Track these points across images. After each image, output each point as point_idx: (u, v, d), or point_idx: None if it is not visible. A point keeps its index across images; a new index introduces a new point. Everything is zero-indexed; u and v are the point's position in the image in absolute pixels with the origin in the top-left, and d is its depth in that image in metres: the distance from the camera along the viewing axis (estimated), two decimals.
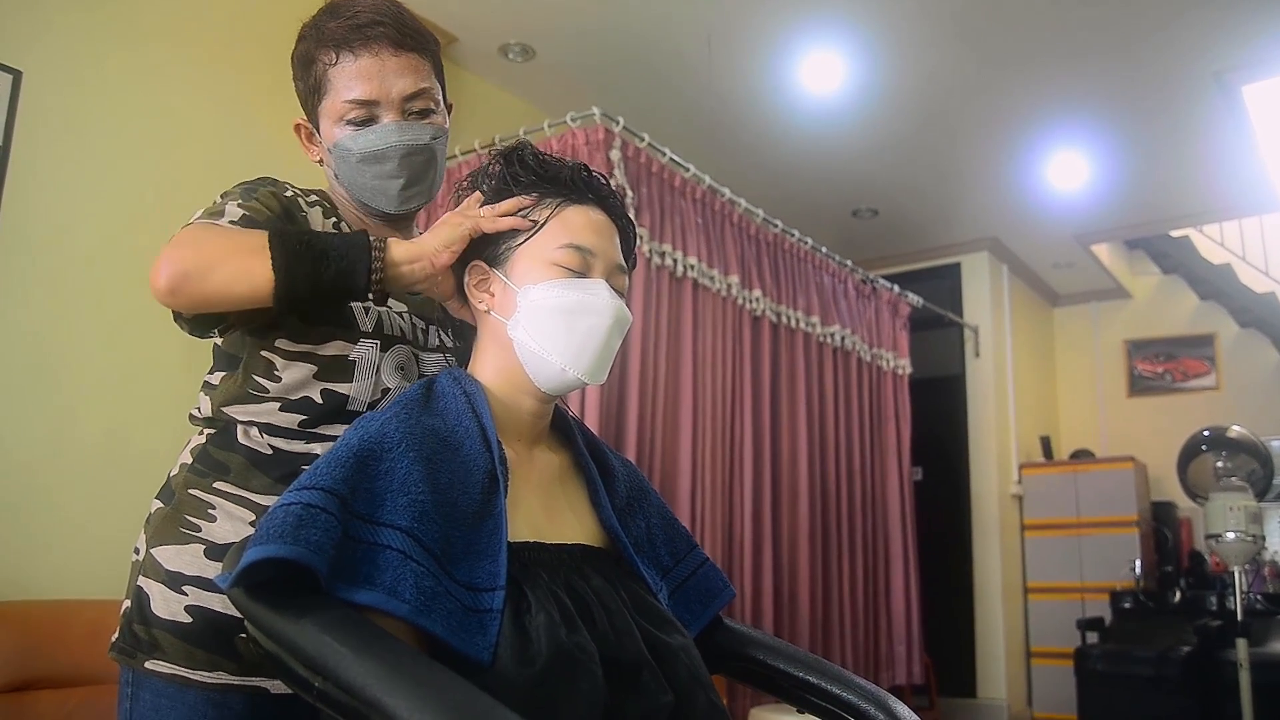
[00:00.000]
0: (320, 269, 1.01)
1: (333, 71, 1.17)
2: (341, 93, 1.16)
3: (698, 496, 3.32)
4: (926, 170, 4.81)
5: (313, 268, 1.01)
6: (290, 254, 1.00)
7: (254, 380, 1.14)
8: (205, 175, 2.90)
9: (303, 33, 1.21)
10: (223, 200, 1.13)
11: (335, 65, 1.16)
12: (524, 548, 0.98)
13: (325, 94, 1.18)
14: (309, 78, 1.20)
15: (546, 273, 1.05)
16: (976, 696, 5.30)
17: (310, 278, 1.01)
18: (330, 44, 1.16)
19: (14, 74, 2.56)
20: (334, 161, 1.21)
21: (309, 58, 1.19)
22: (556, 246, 1.06)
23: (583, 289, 1.05)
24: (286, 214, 1.14)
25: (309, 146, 1.26)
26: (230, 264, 1.00)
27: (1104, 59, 3.79)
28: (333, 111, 1.18)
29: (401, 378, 1.18)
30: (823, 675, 1.14)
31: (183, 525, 1.12)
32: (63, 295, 2.60)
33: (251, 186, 1.16)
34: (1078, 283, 6.36)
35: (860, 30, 3.63)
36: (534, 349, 1.05)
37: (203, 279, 0.99)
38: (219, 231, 1.05)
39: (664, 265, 3.30)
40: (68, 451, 2.55)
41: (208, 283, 0.99)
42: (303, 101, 1.23)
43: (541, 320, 1.04)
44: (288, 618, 0.82)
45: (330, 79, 1.17)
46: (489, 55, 3.78)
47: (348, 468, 0.90)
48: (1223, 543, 3.53)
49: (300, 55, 1.21)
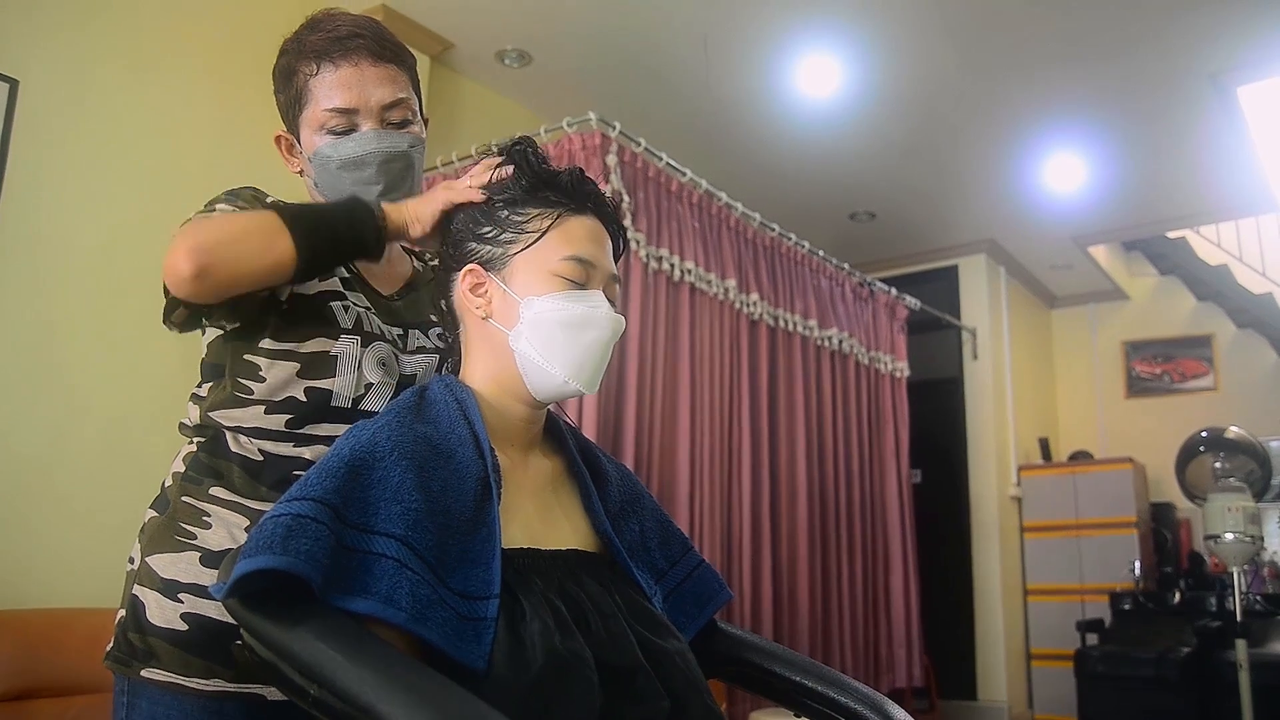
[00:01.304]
0: (337, 236, 1.08)
1: (314, 82, 1.19)
2: (322, 101, 1.19)
3: (696, 500, 3.32)
4: (923, 173, 4.82)
5: (330, 234, 1.07)
6: (307, 227, 1.05)
7: (239, 383, 1.15)
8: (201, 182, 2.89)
9: (284, 47, 1.24)
10: (211, 205, 1.16)
11: (316, 76, 1.19)
12: (518, 554, 0.98)
13: (306, 104, 1.21)
14: (290, 89, 1.22)
15: (549, 284, 1.05)
16: (977, 699, 5.29)
17: (331, 243, 1.08)
18: (311, 55, 1.19)
19: (11, 83, 2.57)
20: (314, 170, 1.23)
21: (290, 70, 1.22)
22: (559, 258, 1.06)
23: (585, 302, 1.06)
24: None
25: (289, 159, 1.28)
26: (251, 240, 1.03)
27: (1099, 61, 3.80)
28: (313, 120, 1.20)
29: (384, 373, 1.19)
30: (819, 679, 1.14)
31: (177, 533, 1.13)
32: (60, 303, 2.60)
33: (235, 192, 1.18)
34: (1075, 284, 6.36)
35: (856, 34, 3.64)
36: (537, 361, 1.05)
37: (227, 257, 1.01)
38: (224, 216, 1.09)
39: (661, 269, 3.31)
40: (66, 460, 2.55)
41: (232, 260, 1.01)
42: (284, 113, 1.26)
43: (546, 333, 1.05)
44: (283, 626, 0.83)
45: (311, 89, 1.20)
46: (485, 61, 3.78)
47: (339, 477, 0.90)
48: (1221, 543, 3.53)
49: (282, 68, 1.23)
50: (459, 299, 1.11)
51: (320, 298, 1.17)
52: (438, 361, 1.25)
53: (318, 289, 1.18)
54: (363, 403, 1.17)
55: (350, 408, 1.16)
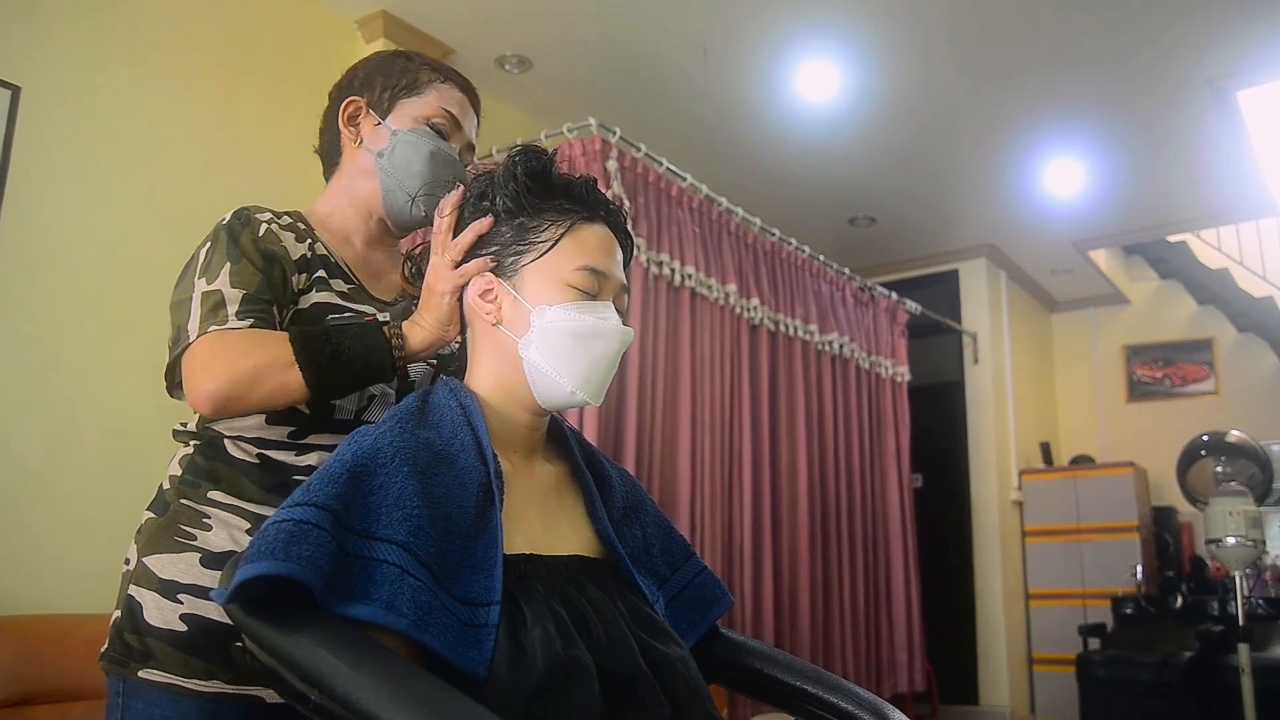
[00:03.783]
0: (349, 375, 1.11)
1: (436, 85, 1.32)
2: (437, 102, 1.31)
3: (697, 505, 3.32)
4: (924, 177, 4.82)
5: (342, 371, 1.10)
6: (320, 368, 1.08)
7: None
8: (202, 189, 2.91)
9: (397, 52, 1.36)
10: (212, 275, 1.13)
11: (441, 85, 1.33)
12: (520, 560, 0.98)
13: (419, 94, 1.31)
14: (401, 75, 1.31)
15: (561, 294, 1.05)
16: (979, 703, 5.29)
17: (342, 379, 1.11)
18: (440, 71, 1.34)
19: (13, 89, 2.57)
20: (392, 140, 1.28)
21: (409, 64, 1.33)
22: (573, 268, 1.06)
23: (596, 313, 1.06)
24: (267, 259, 1.16)
25: (355, 127, 1.32)
26: (266, 383, 1.07)
27: (1099, 66, 3.80)
28: (424, 109, 1.30)
29: (385, 384, 1.19)
30: (820, 684, 1.14)
31: (177, 534, 1.13)
32: (61, 309, 2.61)
33: (233, 235, 1.16)
34: (1076, 288, 6.36)
35: (855, 39, 3.64)
36: (546, 370, 1.05)
37: (242, 401, 1.08)
38: (239, 343, 1.08)
39: (661, 275, 3.31)
40: (69, 465, 2.55)
41: (247, 402, 1.08)
42: (370, 87, 1.31)
43: (556, 342, 1.05)
44: (283, 631, 0.83)
45: (432, 88, 1.32)
46: (486, 67, 3.79)
47: (341, 483, 0.90)
48: (1223, 547, 3.53)
49: (398, 58, 1.34)
50: (468, 304, 1.11)
51: (320, 310, 1.18)
52: (433, 373, 1.26)
53: (316, 301, 1.18)
54: (366, 414, 1.18)
55: (353, 420, 1.17)
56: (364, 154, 1.30)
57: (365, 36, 3.49)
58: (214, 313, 1.10)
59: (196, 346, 1.09)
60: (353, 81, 1.33)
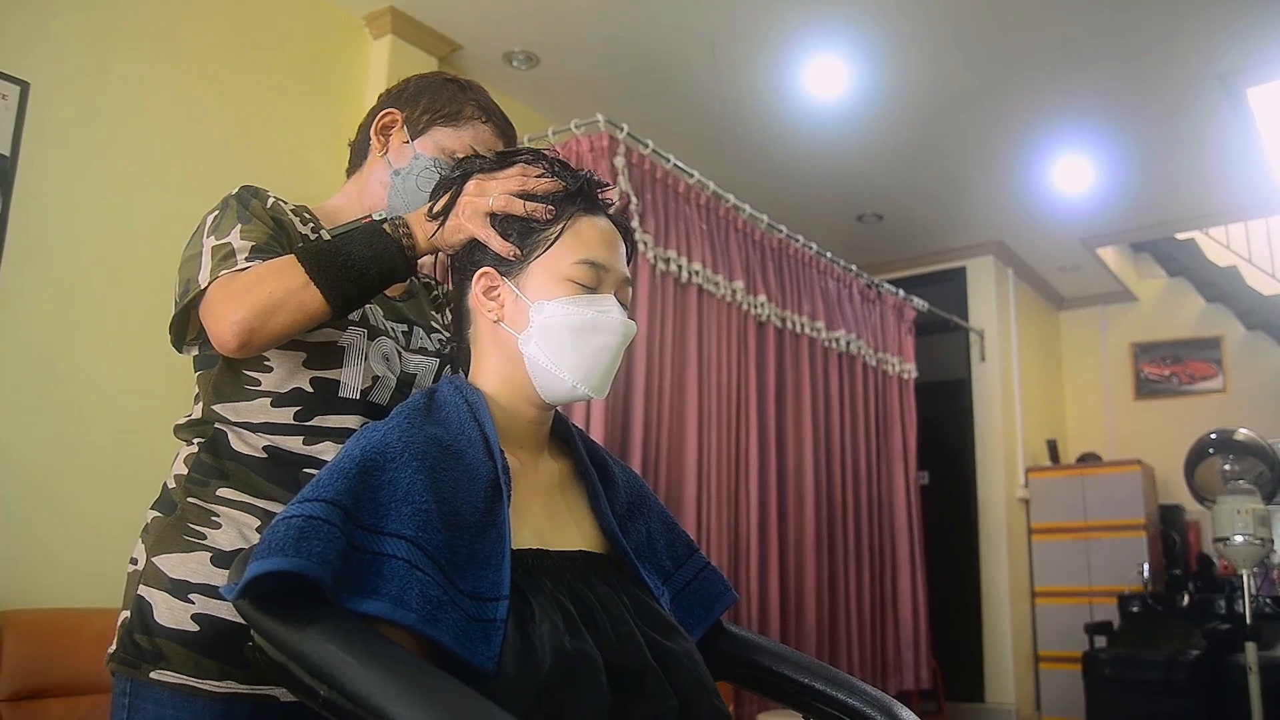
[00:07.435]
0: (365, 278, 1.09)
1: (475, 124, 1.32)
2: (470, 139, 1.30)
3: (704, 502, 3.32)
4: (931, 174, 4.81)
5: (358, 279, 1.08)
6: (335, 277, 1.07)
7: (244, 375, 1.15)
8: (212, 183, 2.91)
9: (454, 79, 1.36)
10: (222, 233, 1.14)
11: (482, 124, 1.33)
12: (527, 555, 0.98)
13: (455, 126, 1.31)
14: (447, 103, 1.32)
15: (560, 288, 1.06)
16: (985, 701, 5.28)
17: (360, 287, 1.09)
18: (486, 112, 1.34)
19: (21, 85, 2.58)
20: (408, 170, 1.29)
21: (456, 94, 1.33)
22: (572, 262, 1.06)
23: (595, 306, 1.06)
24: (277, 223, 1.18)
25: (384, 138, 1.33)
26: (286, 306, 1.05)
27: (1108, 62, 3.79)
28: (452, 143, 1.30)
29: (387, 368, 1.20)
30: (827, 681, 1.14)
31: (186, 533, 1.13)
32: (70, 304, 2.62)
33: (242, 201, 1.18)
34: (1083, 286, 6.35)
35: (864, 36, 3.63)
36: (546, 365, 1.05)
37: (266, 327, 1.05)
38: (251, 276, 1.08)
39: (669, 271, 3.31)
40: (77, 460, 2.56)
41: (272, 328, 1.06)
42: (413, 104, 1.32)
43: (555, 337, 1.05)
44: (293, 627, 0.83)
45: (470, 125, 1.32)
46: (494, 63, 3.79)
47: (350, 479, 0.90)
48: (1231, 546, 3.52)
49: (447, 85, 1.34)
50: (472, 301, 1.11)
51: None
52: (438, 367, 1.26)
53: None
54: (370, 394, 1.18)
55: (359, 398, 1.17)
56: (384, 167, 1.31)
57: (373, 32, 3.48)
58: (224, 261, 1.11)
59: (211, 291, 1.09)
60: (402, 92, 1.35)
